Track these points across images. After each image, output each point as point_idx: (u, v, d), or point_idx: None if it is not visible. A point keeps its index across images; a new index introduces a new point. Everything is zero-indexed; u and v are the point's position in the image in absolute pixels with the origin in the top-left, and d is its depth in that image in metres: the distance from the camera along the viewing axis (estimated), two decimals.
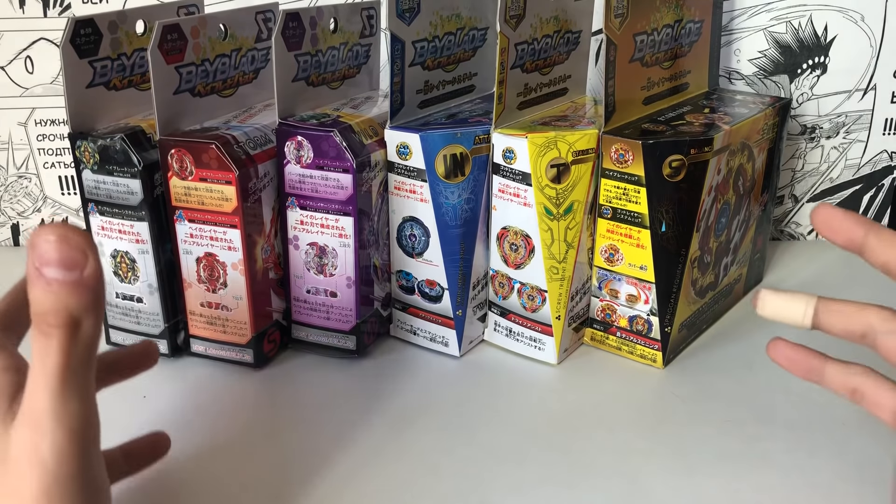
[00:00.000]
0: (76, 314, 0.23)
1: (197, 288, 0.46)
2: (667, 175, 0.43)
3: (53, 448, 0.23)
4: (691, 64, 0.53)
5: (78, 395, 0.24)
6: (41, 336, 0.23)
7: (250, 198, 0.43)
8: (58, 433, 0.23)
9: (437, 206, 0.45)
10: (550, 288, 0.45)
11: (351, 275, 0.45)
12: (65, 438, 0.24)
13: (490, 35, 0.52)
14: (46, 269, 0.23)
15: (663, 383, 0.45)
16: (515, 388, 0.45)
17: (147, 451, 0.37)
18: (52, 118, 0.62)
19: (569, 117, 0.47)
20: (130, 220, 0.44)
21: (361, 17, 0.51)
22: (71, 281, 0.23)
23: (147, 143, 0.44)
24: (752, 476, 0.37)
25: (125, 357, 0.35)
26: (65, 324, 0.23)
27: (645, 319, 0.46)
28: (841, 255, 0.62)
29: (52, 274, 0.23)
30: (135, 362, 0.35)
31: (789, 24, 0.59)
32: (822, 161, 0.63)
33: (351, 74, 0.52)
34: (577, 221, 0.45)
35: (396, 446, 0.40)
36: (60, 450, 0.23)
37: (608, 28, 0.43)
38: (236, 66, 0.48)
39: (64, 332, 0.23)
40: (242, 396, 0.45)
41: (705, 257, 0.48)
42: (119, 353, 0.35)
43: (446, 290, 0.46)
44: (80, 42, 0.43)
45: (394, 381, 0.46)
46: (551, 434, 0.41)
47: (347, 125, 0.44)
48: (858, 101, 0.61)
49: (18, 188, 0.64)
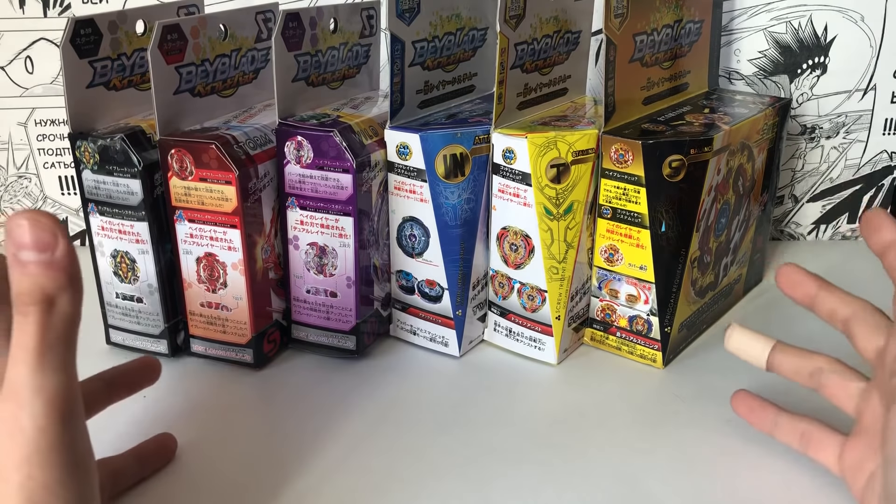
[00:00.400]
0: (50, 293, 0.25)
1: (197, 288, 0.46)
2: (667, 175, 0.43)
3: (32, 419, 0.25)
4: (691, 64, 0.53)
5: (56, 368, 0.25)
6: (19, 315, 0.25)
7: (250, 198, 0.43)
8: (36, 405, 0.25)
9: (437, 206, 0.45)
10: (550, 288, 0.45)
11: (351, 275, 0.45)
12: (43, 410, 0.25)
13: (490, 35, 0.52)
14: (21, 252, 0.24)
15: (663, 383, 0.45)
16: (515, 388, 0.45)
17: (157, 452, 0.38)
18: (52, 118, 0.62)
19: (569, 117, 0.47)
20: (130, 220, 0.44)
21: (361, 18, 0.51)
22: (43, 261, 0.24)
23: (147, 143, 0.44)
24: (752, 476, 0.37)
25: (124, 374, 0.35)
26: (40, 301, 0.24)
27: (645, 319, 0.46)
28: (840, 256, 0.62)
29: (26, 256, 0.24)
30: (135, 378, 0.36)
31: (789, 24, 0.59)
32: (821, 161, 0.63)
33: (351, 74, 0.52)
34: (577, 221, 0.45)
35: (396, 446, 0.40)
36: (39, 420, 0.25)
37: (608, 28, 0.43)
38: (236, 66, 0.48)
39: (39, 309, 0.25)
40: (242, 396, 0.45)
41: (705, 257, 0.48)
42: (118, 370, 0.35)
43: (446, 290, 0.46)
44: (80, 42, 0.43)
45: (394, 381, 0.46)
46: (551, 434, 0.41)
47: (347, 125, 0.44)
48: (858, 101, 0.61)
49: (18, 188, 0.64)
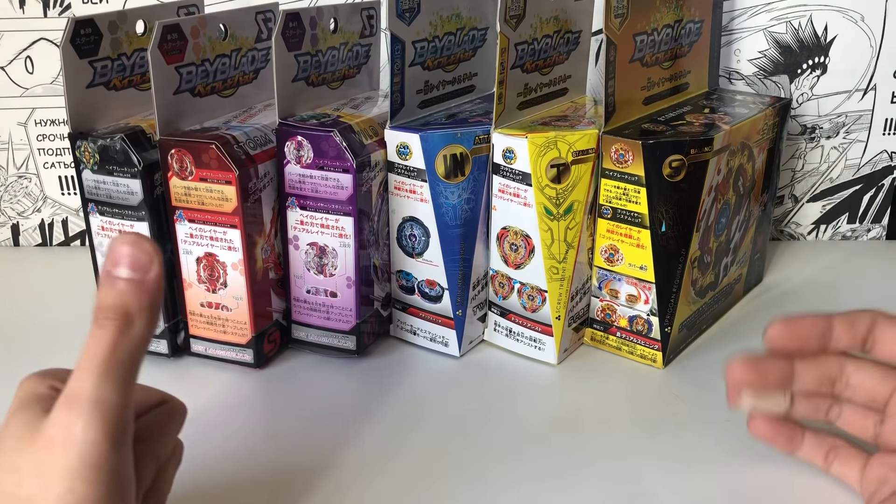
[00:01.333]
0: (132, 311, 0.25)
1: (197, 288, 0.46)
2: (667, 175, 0.43)
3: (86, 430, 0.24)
4: (691, 64, 0.53)
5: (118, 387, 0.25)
6: (96, 328, 0.25)
7: (250, 198, 0.43)
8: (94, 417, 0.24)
9: (437, 206, 0.45)
10: (550, 288, 0.45)
11: (351, 275, 0.45)
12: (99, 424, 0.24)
13: (490, 35, 0.52)
14: (116, 268, 0.25)
15: (663, 383, 0.45)
16: (515, 388, 0.45)
17: None
18: (52, 118, 0.62)
19: (569, 117, 0.47)
20: (130, 220, 0.44)
21: (361, 17, 0.51)
22: (135, 279, 0.25)
23: (147, 143, 0.44)
24: (753, 476, 0.37)
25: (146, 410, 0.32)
26: (120, 317, 0.25)
27: (645, 319, 0.46)
28: (840, 256, 0.62)
29: (120, 273, 0.25)
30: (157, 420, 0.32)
31: (789, 24, 0.59)
32: (822, 161, 0.63)
33: (351, 74, 0.52)
34: (577, 221, 0.45)
35: (396, 446, 0.40)
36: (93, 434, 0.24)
37: (608, 28, 0.43)
38: (236, 66, 0.48)
39: (117, 324, 0.25)
40: (242, 396, 0.45)
41: (705, 257, 0.48)
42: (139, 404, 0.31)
43: (446, 290, 0.46)
44: (80, 42, 0.43)
45: (394, 381, 0.46)
46: (551, 434, 0.41)
47: (347, 125, 0.44)
48: (858, 101, 0.61)
49: (18, 188, 0.64)
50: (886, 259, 0.62)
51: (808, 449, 0.36)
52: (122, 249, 0.25)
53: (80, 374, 0.25)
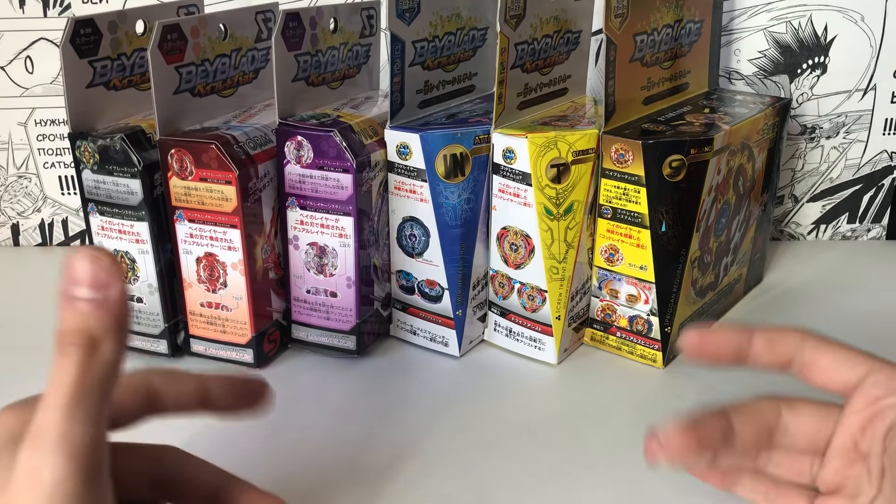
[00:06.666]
0: (96, 334, 0.23)
1: (197, 288, 0.46)
2: (667, 175, 0.43)
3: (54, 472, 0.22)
4: (691, 64, 0.53)
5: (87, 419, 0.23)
6: (60, 356, 0.23)
7: (250, 198, 0.43)
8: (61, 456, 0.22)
9: (437, 206, 0.45)
10: (550, 288, 0.45)
11: (351, 275, 0.45)
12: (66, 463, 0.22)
13: (490, 35, 0.52)
14: (74, 287, 0.23)
15: (663, 383, 0.45)
16: (515, 388, 0.45)
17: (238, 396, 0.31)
18: (52, 118, 0.62)
19: (569, 117, 0.47)
20: (130, 220, 0.44)
21: (361, 17, 0.51)
22: (95, 300, 0.23)
23: (147, 143, 0.44)
24: None
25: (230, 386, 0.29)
26: (84, 343, 0.23)
27: (645, 319, 0.46)
28: (840, 256, 0.62)
29: (78, 292, 0.23)
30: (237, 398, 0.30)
31: (789, 24, 0.59)
32: (822, 161, 0.63)
33: (351, 74, 0.52)
34: (577, 221, 0.45)
35: (396, 446, 0.40)
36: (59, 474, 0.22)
37: (608, 28, 0.43)
38: (236, 66, 0.48)
39: (82, 350, 0.23)
40: None
41: (705, 257, 0.48)
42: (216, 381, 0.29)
43: (446, 290, 0.46)
44: (80, 42, 0.43)
45: (394, 381, 0.46)
46: (551, 434, 0.41)
47: (347, 125, 0.44)
48: (858, 101, 0.61)
49: (18, 188, 0.64)
50: (886, 259, 0.62)
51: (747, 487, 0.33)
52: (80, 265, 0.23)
53: (45, 410, 0.23)
